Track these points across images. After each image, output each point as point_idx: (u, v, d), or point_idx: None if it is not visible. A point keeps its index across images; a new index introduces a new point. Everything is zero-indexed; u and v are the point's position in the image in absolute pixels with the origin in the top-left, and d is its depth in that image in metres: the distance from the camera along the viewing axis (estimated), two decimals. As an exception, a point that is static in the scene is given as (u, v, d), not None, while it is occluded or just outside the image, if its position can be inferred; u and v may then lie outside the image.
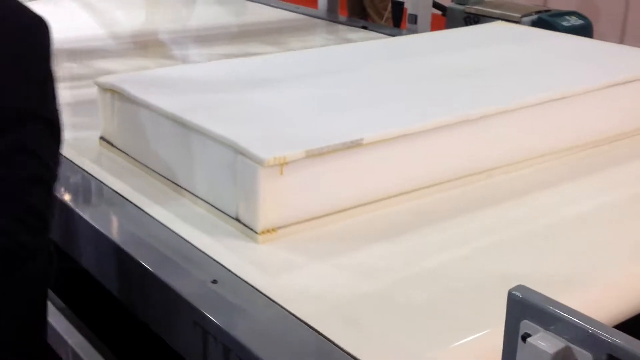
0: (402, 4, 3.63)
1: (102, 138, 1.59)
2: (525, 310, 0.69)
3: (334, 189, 1.33)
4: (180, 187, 1.41)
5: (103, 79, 1.53)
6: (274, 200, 1.26)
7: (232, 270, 1.18)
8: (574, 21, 4.04)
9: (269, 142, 1.28)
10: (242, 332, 1.03)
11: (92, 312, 1.60)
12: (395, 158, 1.38)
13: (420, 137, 1.39)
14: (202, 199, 1.36)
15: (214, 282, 1.14)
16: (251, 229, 1.27)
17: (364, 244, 1.27)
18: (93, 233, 1.32)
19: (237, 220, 1.30)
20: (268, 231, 1.27)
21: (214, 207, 1.34)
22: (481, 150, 1.49)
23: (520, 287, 0.70)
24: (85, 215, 1.35)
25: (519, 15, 3.96)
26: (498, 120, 1.49)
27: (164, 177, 1.44)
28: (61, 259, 1.29)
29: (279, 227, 1.28)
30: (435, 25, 3.14)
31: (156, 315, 1.21)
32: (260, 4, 3.31)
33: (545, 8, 4.43)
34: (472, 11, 3.96)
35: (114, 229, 1.33)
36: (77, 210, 1.37)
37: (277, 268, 1.21)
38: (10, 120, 1.01)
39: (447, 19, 3.24)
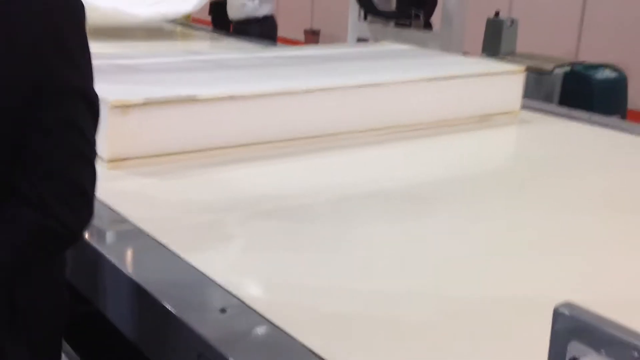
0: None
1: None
2: (574, 331, 0.62)
3: (174, 134, 1.76)
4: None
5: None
6: (119, 135, 1.70)
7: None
8: (608, 74, 4.20)
9: (121, 91, 1.74)
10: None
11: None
12: (225, 115, 1.81)
13: (247, 100, 1.83)
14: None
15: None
16: (102, 159, 1.72)
17: (195, 177, 1.70)
18: None
19: (95, 153, 1.74)
20: (115, 160, 1.71)
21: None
22: (303, 118, 1.91)
23: (568, 305, 0.62)
24: None
25: (551, 67, 4.15)
26: (317, 96, 1.92)
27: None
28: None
29: (126, 159, 1.72)
30: None
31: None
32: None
33: (579, 61, 4.60)
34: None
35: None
36: None
37: (120, 185, 1.64)
38: (54, 95, 0.99)
39: None
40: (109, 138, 1.69)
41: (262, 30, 4.35)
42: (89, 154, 1.02)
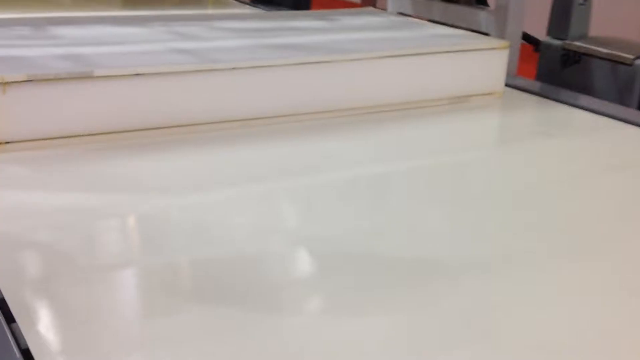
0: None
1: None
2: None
3: (67, 115, 1.56)
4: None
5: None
6: (-1, 116, 1.52)
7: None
8: None
9: (12, 66, 1.55)
10: None
11: None
12: (125, 95, 1.60)
13: (154, 78, 1.61)
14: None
15: None
16: (-17, 141, 1.54)
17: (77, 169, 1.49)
18: None
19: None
20: (-6, 144, 1.53)
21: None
22: (230, 99, 1.69)
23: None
24: None
25: (632, 57, 3.71)
26: (247, 73, 1.69)
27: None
28: None
29: (7, 142, 1.53)
30: (527, 62, 2.92)
31: None
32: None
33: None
34: (573, 48, 3.66)
35: None
36: None
37: None
38: None
39: (540, 55, 2.90)
40: (-15, 118, 1.51)
41: None
42: None
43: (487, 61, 1.97)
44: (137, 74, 1.59)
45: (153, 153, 1.56)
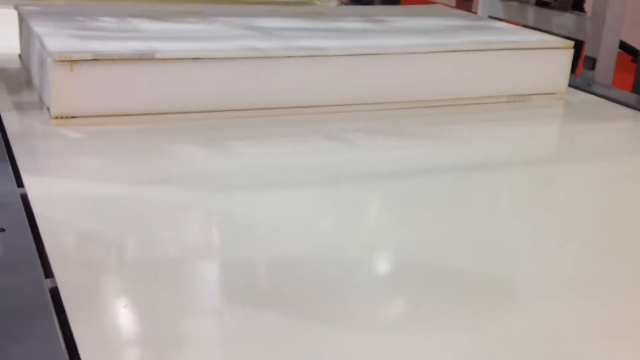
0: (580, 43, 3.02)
1: (19, 55, 2.08)
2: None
3: (126, 94, 1.66)
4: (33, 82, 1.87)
5: (20, 7, 2.02)
6: (66, 92, 1.63)
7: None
8: None
9: (71, 45, 1.66)
10: None
11: None
12: (184, 77, 1.69)
13: (208, 63, 1.70)
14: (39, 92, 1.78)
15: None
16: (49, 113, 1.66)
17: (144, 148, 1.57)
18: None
19: (48, 109, 1.69)
20: (62, 117, 1.64)
21: (42, 99, 1.75)
22: (282, 87, 1.77)
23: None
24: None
25: None
26: (300, 62, 1.76)
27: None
28: None
29: (73, 117, 1.65)
30: (623, 72, 2.79)
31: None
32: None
33: None
34: (673, 60, 3.53)
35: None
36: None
37: (59, 145, 1.57)
38: None
39: (638, 66, 2.75)
40: (53, 94, 1.62)
41: None
42: None
43: (550, 60, 1.99)
44: (196, 58, 1.68)
45: (214, 137, 1.64)
